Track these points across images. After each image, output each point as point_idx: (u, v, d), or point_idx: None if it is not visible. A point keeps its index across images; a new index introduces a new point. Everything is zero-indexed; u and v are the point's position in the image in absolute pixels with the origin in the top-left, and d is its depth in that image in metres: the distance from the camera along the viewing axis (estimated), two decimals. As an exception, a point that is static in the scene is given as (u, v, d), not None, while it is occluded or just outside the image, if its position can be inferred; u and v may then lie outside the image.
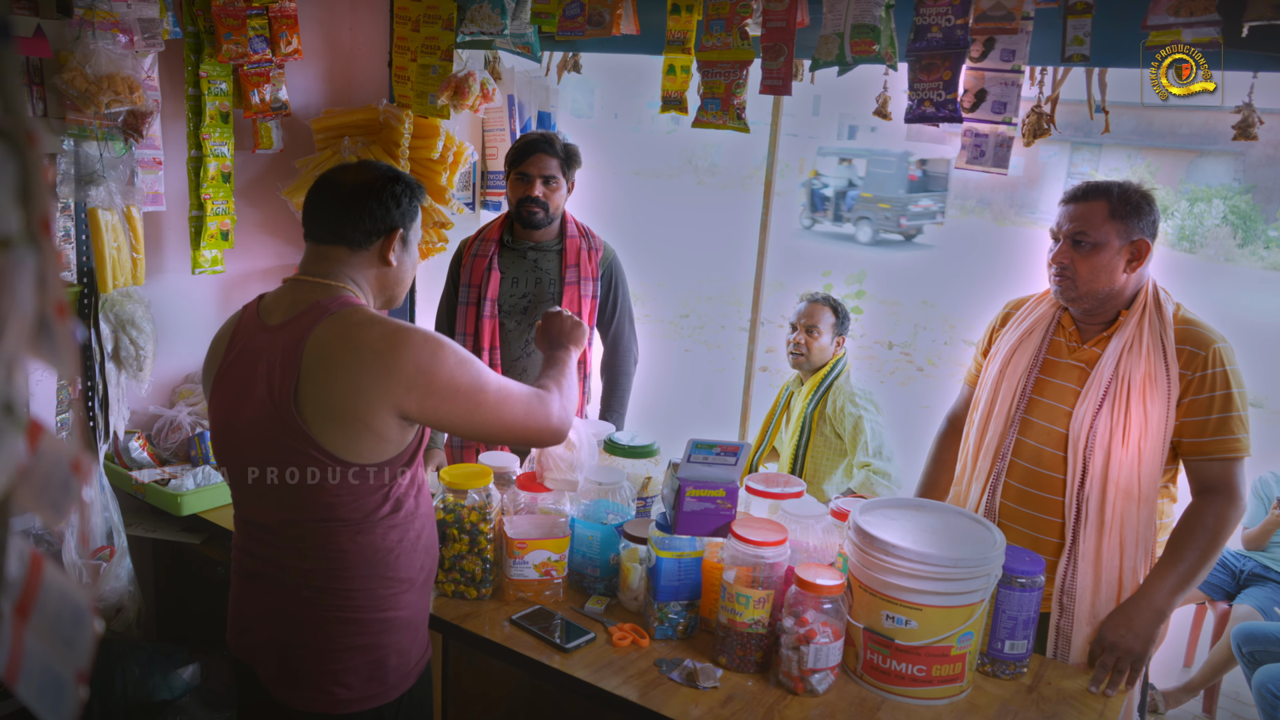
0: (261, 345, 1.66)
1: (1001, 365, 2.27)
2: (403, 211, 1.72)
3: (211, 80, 2.89)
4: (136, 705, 2.69)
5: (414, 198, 1.75)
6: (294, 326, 1.63)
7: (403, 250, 1.75)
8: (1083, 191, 2.11)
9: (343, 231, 1.70)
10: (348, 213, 1.69)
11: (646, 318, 10.60)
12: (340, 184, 1.71)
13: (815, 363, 3.25)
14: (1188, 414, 2.06)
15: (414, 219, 1.76)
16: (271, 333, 1.66)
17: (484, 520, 2.15)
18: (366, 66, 3.32)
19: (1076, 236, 2.08)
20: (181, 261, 3.01)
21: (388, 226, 1.70)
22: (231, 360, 1.71)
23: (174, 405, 3.06)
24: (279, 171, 3.22)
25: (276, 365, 1.62)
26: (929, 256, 15.90)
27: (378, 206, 1.69)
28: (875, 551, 1.86)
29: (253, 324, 1.71)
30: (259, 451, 1.66)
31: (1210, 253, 17.71)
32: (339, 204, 1.70)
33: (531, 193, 2.71)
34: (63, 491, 0.58)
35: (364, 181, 1.70)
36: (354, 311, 1.64)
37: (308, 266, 1.73)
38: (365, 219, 1.69)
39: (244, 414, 1.67)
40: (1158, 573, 2.05)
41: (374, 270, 1.73)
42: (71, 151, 2.52)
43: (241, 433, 1.69)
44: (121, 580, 2.59)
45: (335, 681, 1.68)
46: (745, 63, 2.42)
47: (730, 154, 25.82)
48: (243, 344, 1.71)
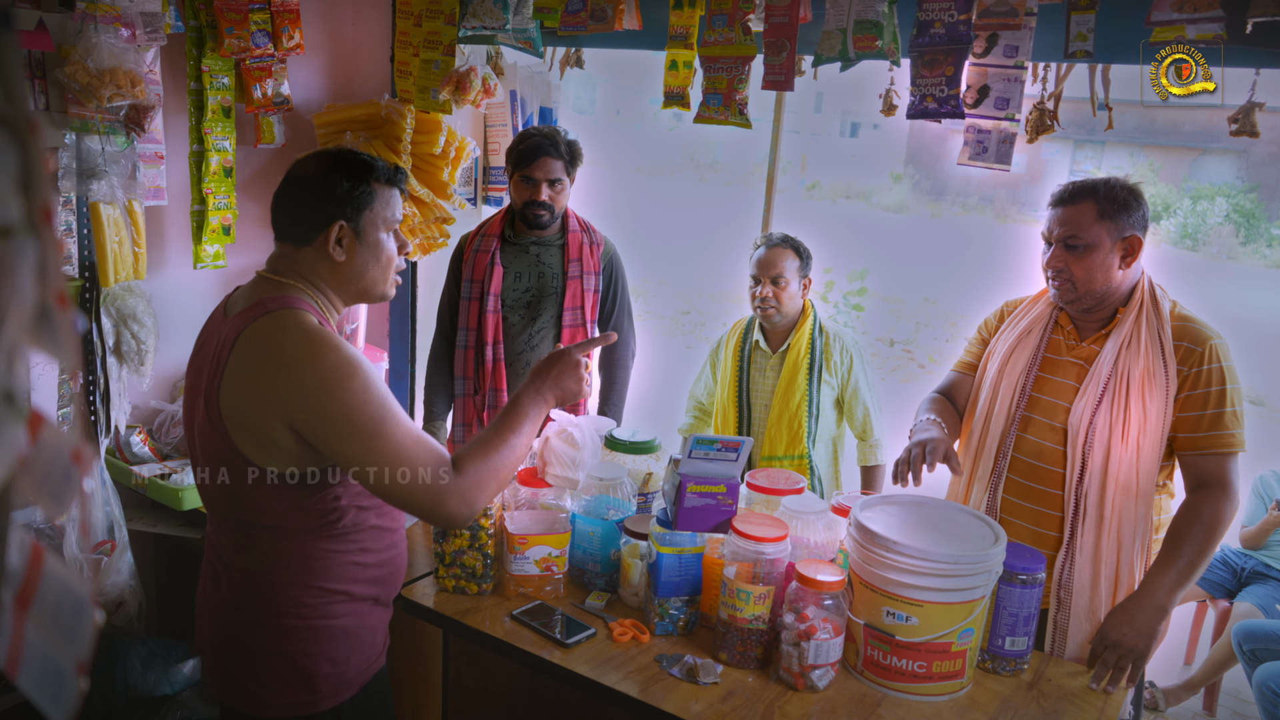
0: (212, 338, 1.66)
1: (1000, 365, 2.28)
2: (340, 200, 1.61)
3: (214, 75, 2.88)
4: (137, 700, 2.69)
5: (359, 182, 1.62)
6: (234, 322, 1.60)
7: (356, 242, 1.64)
8: (1070, 194, 2.10)
9: (284, 226, 1.66)
10: (287, 206, 1.65)
11: (648, 314, 10.60)
12: (287, 177, 1.67)
13: (788, 314, 2.93)
14: (1184, 409, 2.07)
15: (362, 206, 1.63)
16: (222, 326, 1.64)
17: (484, 516, 2.15)
18: (369, 61, 3.32)
19: (1069, 240, 2.08)
20: (183, 256, 3.01)
21: (324, 219, 1.61)
22: (195, 351, 1.72)
23: (175, 400, 3.06)
24: (281, 166, 3.20)
25: (209, 359, 1.61)
26: (930, 253, 15.88)
27: (310, 198, 1.62)
28: (876, 548, 1.85)
29: (217, 316, 1.71)
30: (197, 447, 1.66)
31: (1213, 251, 17.70)
32: (281, 198, 1.66)
33: (538, 197, 2.72)
34: (64, 482, 0.58)
35: (303, 174, 1.65)
36: (288, 315, 1.57)
37: (270, 263, 1.70)
38: (300, 213, 1.63)
39: (193, 407, 1.67)
40: (1157, 569, 2.05)
41: (324, 265, 1.65)
42: (73, 145, 2.52)
43: (191, 425, 1.69)
44: (123, 574, 2.59)
45: (260, 684, 1.67)
46: (747, 58, 2.42)
47: (732, 151, 25.81)
48: (204, 336, 1.71)
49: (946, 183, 22.35)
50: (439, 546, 2.18)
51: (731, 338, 3.08)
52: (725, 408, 3.03)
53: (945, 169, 22.27)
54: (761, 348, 2.99)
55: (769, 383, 2.96)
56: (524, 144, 2.74)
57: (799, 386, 2.89)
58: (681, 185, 23.11)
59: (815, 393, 2.89)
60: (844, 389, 2.94)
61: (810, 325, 2.94)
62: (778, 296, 2.89)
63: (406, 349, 3.52)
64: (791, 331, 2.96)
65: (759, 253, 2.94)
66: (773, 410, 2.92)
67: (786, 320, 2.95)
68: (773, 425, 2.91)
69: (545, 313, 2.85)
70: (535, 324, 2.85)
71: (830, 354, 2.92)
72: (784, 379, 2.91)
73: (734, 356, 3.04)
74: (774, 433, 2.90)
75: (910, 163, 24.08)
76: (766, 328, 3.00)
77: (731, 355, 3.05)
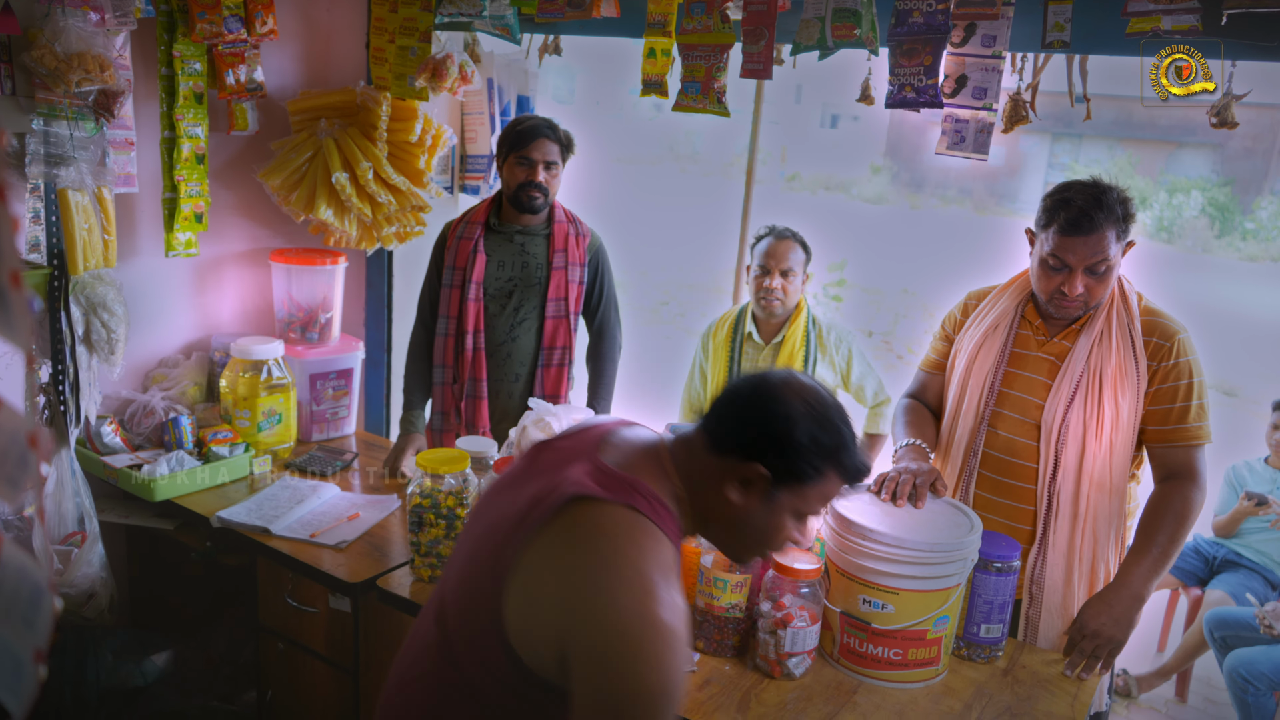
0: (537, 474, 1.36)
1: (968, 361, 2.28)
2: (791, 450, 1.28)
3: (185, 60, 2.84)
4: (109, 692, 2.66)
5: (827, 459, 1.30)
6: (567, 483, 1.27)
7: (761, 502, 1.31)
8: (1090, 223, 1.98)
9: (722, 415, 1.36)
10: (745, 401, 1.34)
11: (628, 304, 10.53)
12: (786, 380, 1.35)
13: (790, 307, 2.93)
14: (1153, 403, 2.09)
15: (804, 479, 1.30)
16: (555, 472, 1.32)
17: (460, 505, 2.14)
18: (344, 48, 3.28)
19: (1097, 267, 2.03)
20: (155, 244, 2.97)
21: (754, 449, 1.29)
22: (513, 465, 1.46)
23: (147, 390, 3.02)
24: (254, 154, 3.18)
25: (522, 507, 1.30)
26: (909, 245, 15.94)
27: (767, 418, 1.30)
28: (852, 536, 1.86)
29: (558, 451, 1.40)
30: (461, 579, 1.36)
31: (1188, 244, 17.86)
32: (753, 389, 1.35)
33: (535, 178, 2.71)
34: (19, 466, 0.57)
35: (801, 394, 1.33)
36: (620, 514, 1.24)
37: (676, 445, 1.38)
38: (746, 419, 1.32)
39: (480, 541, 1.36)
40: (1132, 559, 2.07)
41: (711, 484, 1.32)
42: (41, 131, 2.48)
43: (467, 548, 1.39)
44: (93, 566, 2.56)
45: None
46: (726, 46, 2.41)
47: (712, 142, 25.77)
48: (531, 460, 1.43)
49: (925, 175, 22.42)
50: (414, 536, 2.16)
51: (720, 329, 3.05)
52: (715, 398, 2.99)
53: (924, 161, 22.32)
54: (754, 340, 2.97)
55: None
56: (521, 125, 2.72)
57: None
58: (661, 176, 23.07)
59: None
60: (848, 375, 2.95)
61: (804, 318, 2.94)
62: (785, 289, 2.88)
63: (383, 337, 3.50)
64: (785, 324, 2.94)
65: (766, 243, 2.91)
66: None
67: (787, 313, 2.94)
68: None
69: (527, 303, 2.84)
70: (517, 314, 2.84)
71: (825, 346, 2.93)
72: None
73: (725, 347, 3.01)
74: None
75: (890, 155, 24.14)
76: (761, 319, 2.97)
77: (722, 346, 3.02)
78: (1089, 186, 2.04)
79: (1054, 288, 2.07)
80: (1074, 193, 2.03)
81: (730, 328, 3.02)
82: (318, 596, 2.37)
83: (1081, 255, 2.01)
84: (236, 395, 2.86)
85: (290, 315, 3.18)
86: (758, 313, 2.97)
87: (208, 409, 3.03)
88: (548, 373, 2.87)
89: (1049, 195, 2.09)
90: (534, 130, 2.70)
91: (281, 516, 2.49)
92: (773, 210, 4.26)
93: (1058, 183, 2.11)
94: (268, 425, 2.88)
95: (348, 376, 3.20)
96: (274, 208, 3.20)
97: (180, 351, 3.17)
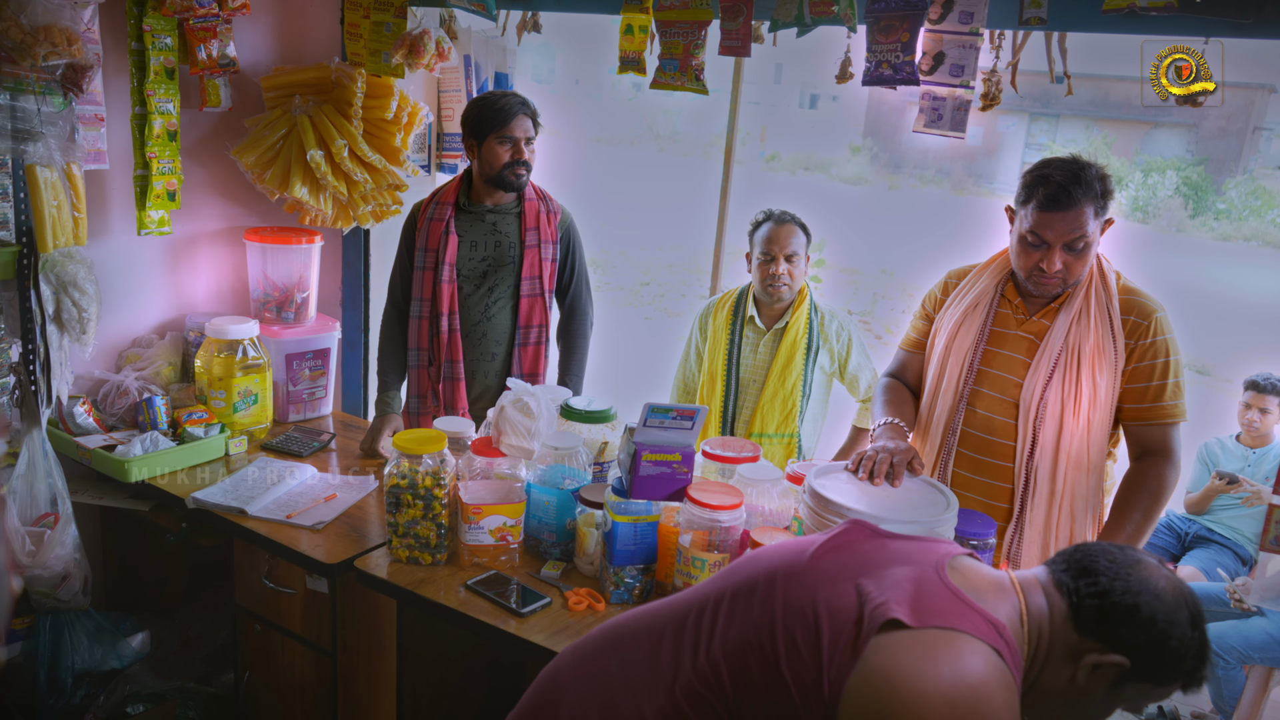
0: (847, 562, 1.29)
1: (948, 340, 2.29)
2: (1158, 661, 1.22)
3: (155, 34, 2.79)
4: (84, 674, 2.65)
5: (1197, 678, 1.24)
6: (907, 607, 1.19)
7: (1105, 690, 1.24)
8: (1068, 198, 1.99)
9: (1091, 593, 1.24)
10: (1116, 592, 1.23)
11: (607, 285, 10.57)
12: (1146, 569, 1.25)
13: (795, 292, 2.87)
14: (1130, 381, 2.11)
15: (1159, 683, 1.23)
16: (879, 548, 1.30)
17: (438, 485, 2.13)
18: (318, 23, 3.23)
19: (1075, 244, 2.03)
20: (127, 222, 2.93)
21: (1119, 644, 1.21)
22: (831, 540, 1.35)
23: (121, 370, 2.99)
24: (228, 130, 3.13)
25: (849, 615, 1.21)
26: (887, 225, 15.99)
27: (1144, 620, 1.21)
28: (829, 514, 1.86)
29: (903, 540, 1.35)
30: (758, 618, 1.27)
31: (1163, 223, 18.01)
32: (1121, 578, 1.24)
33: (520, 156, 2.72)
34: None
35: (1164, 593, 1.23)
36: (978, 667, 1.14)
37: (1037, 597, 1.28)
38: (1123, 612, 1.22)
39: (797, 611, 1.24)
40: (1107, 535, 2.10)
41: (1054, 659, 1.25)
42: (7, 106, 2.42)
43: (768, 598, 1.28)
44: (67, 548, 2.53)
45: None
46: (703, 23, 2.39)
47: (691, 121, 25.71)
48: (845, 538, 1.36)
49: (904, 155, 22.46)
50: (392, 517, 2.15)
51: (720, 311, 2.97)
52: (712, 381, 2.94)
53: (903, 141, 22.36)
54: (756, 324, 2.91)
55: (760, 359, 2.89)
56: (497, 104, 2.70)
57: (796, 366, 2.83)
58: (640, 156, 22.99)
59: (810, 373, 2.85)
60: (844, 364, 2.90)
61: (808, 305, 2.88)
62: (791, 274, 2.81)
63: (360, 318, 3.47)
64: (788, 310, 2.88)
65: (766, 229, 2.83)
66: (767, 388, 2.85)
67: (793, 298, 2.88)
68: (766, 403, 2.84)
69: (502, 283, 2.82)
70: (492, 294, 2.82)
71: (827, 334, 2.88)
72: (781, 358, 2.84)
73: (725, 330, 2.94)
74: (766, 410, 2.84)
75: (869, 135, 24.16)
76: (764, 304, 2.90)
77: (722, 329, 2.94)
78: (1068, 163, 2.04)
79: (1033, 264, 2.08)
80: (1053, 169, 2.04)
81: (730, 310, 2.95)
82: (295, 577, 2.36)
83: (1060, 231, 2.02)
84: (211, 375, 2.83)
85: (266, 295, 3.14)
86: (762, 298, 2.89)
87: (182, 389, 3.00)
88: (525, 351, 2.86)
89: (1028, 172, 2.09)
90: (512, 108, 2.69)
91: (258, 497, 2.47)
92: (752, 191, 4.25)
93: (1037, 160, 2.11)
94: (243, 406, 2.86)
95: (324, 357, 3.18)
96: (248, 185, 3.15)
97: (154, 331, 3.13)
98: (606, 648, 1.40)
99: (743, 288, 2.96)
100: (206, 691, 2.78)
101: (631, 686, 1.32)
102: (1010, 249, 2.17)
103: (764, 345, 2.89)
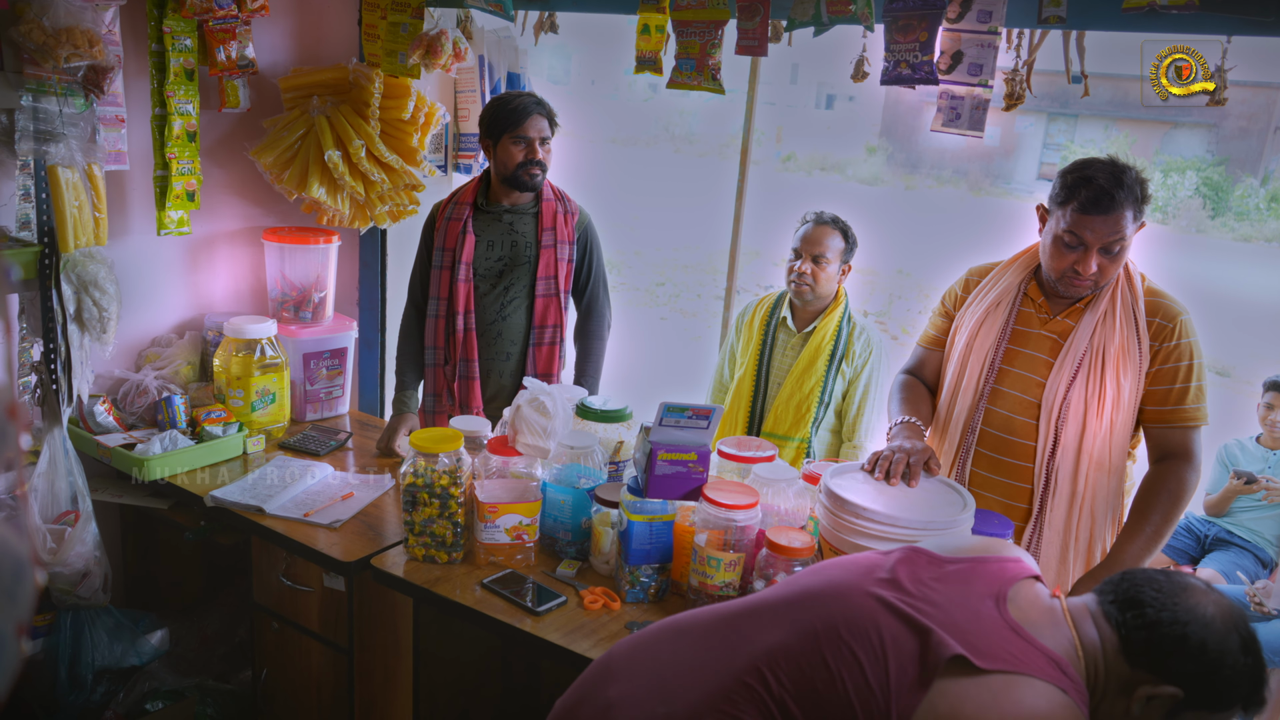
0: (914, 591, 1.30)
1: (969, 338, 2.27)
2: (1211, 691, 1.22)
3: (175, 36, 2.81)
4: (104, 671, 2.67)
5: (1254, 702, 1.24)
6: (993, 636, 1.22)
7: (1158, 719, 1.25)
8: (1111, 201, 1.98)
9: (1141, 626, 1.25)
10: (1164, 623, 1.23)
11: (623, 286, 10.58)
12: (1207, 613, 1.24)
13: (822, 296, 2.84)
14: (1153, 383, 2.09)
15: (1215, 711, 1.24)
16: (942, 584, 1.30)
17: (454, 484, 2.13)
18: (335, 24, 3.25)
19: (1112, 247, 2.02)
20: (147, 223, 2.95)
21: (1172, 675, 1.22)
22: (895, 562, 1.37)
23: (140, 369, 3.01)
24: (246, 131, 3.15)
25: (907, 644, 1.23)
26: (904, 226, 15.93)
27: (1194, 650, 1.21)
28: (845, 514, 1.86)
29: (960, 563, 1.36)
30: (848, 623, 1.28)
31: (1183, 224, 17.85)
32: (1168, 607, 1.25)
33: (535, 156, 2.72)
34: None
35: (1215, 622, 1.23)
36: (1035, 706, 1.16)
37: (1077, 616, 1.30)
38: (1171, 644, 1.22)
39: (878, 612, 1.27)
40: (1125, 537, 2.08)
41: (1110, 691, 1.25)
42: (30, 107, 2.45)
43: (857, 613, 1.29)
44: (87, 545, 2.55)
45: None
46: (720, 22, 2.39)
47: (707, 122, 25.66)
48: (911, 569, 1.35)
49: (921, 155, 22.35)
50: (409, 515, 2.16)
51: (757, 312, 2.98)
52: (743, 380, 2.94)
53: (920, 142, 22.25)
54: (788, 326, 2.90)
55: (789, 362, 2.88)
56: (511, 104, 2.71)
57: (816, 371, 2.82)
58: (656, 157, 22.97)
59: (830, 381, 2.83)
60: (853, 381, 2.86)
61: (840, 313, 2.86)
62: (815, 275, 2.79)
63: (376, 318, 3.48)
64: (820, 315, 2.87)
65: (805, 228, 2.85)
66: (784, 388, 2.85)
67: (819, 301, 2.86)
68: (781, 404, 2.84)
69: (518, 282, 2.83)
70: (508, 294, 2.83)
71: (853, 346, 2.85)
72: (803, 361, 2.83)
73: (759, 330, 2.95)
74: (780, 411, 2.84)
75: (885, 135, 24.06)
76: (796, 305, 2.90)
77: (757, 330, 2.95)
78: (1110, 165, 2.02)
79: (1067, 265, 2.05)
80: (1095, 170, 2.01)
81: (767, 311, 2.96)
82: (312, 575, 2.38)
83: (1100, 234, 2.00)
84: (230, 374, 2.85)
85: (284, 294, 3.16)
86: (793, 299, 2.90)
87: (201, 388, 3.02)
88: (539, 351, 2.86)
89: (1068, 171, 2.06)
90: (526, 108, 2.70)
91: (275, 496, 2.49)
92: (768, 191, 4.24)
93: (1075, 160, 2.08)
94: (261, 405, 2.88)
95: (341, 356, 3.19)
96: (266, 186, 3.17)
97: (173, 330, 3.16)
98: (663, 637, 1.43)
99: (782, 291, 2.97)
100: (224, 689, 2.80)
101: (684, 670, 1.33)
102: (1042, 249, 2.14)
103: (792, 347, 2.89)
